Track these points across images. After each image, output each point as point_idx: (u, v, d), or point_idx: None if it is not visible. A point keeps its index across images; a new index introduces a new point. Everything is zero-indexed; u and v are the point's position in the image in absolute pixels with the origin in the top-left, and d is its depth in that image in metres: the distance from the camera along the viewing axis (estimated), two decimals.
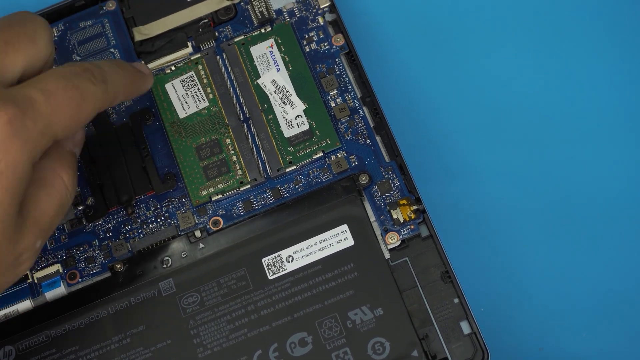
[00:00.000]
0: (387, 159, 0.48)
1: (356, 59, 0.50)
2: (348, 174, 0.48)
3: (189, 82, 0.50)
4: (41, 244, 0.40)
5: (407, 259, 0.46)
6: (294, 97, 0.49)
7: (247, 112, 0.49)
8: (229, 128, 0.49)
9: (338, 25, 0.50)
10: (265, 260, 0.47)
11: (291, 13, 0.51)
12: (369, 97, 0.49)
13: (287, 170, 0.48)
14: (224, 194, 0.48)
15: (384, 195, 0.47)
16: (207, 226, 0.48)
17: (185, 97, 0.50)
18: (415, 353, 0.45)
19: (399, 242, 0.46)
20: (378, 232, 0.47)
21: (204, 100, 0.49)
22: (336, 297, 0.46)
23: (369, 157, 0.48)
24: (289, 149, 0.48)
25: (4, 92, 0.38)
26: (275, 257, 0.47)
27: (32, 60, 0.40)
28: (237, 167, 0.48)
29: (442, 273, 0.46)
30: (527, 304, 0.51)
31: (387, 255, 0.46)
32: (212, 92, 0.50)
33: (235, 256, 0.47)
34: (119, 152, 0.49)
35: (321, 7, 0.51)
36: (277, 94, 0.49)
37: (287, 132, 0.48)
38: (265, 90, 0.49)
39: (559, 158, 0.53)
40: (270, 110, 0.49)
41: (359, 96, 0.49)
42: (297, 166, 0.48)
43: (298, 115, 0.49)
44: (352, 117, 0.49)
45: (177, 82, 0.50)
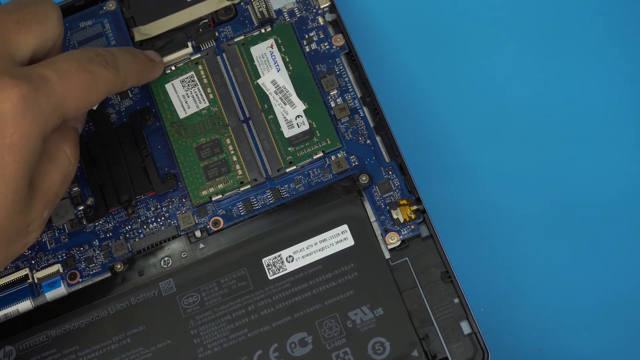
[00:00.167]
0: (387, 159, 0.48)
1: (356, 59, 0.50)
2: (348, 174, 0.48)
3: (189, 82, 0.50)
4: (48, 213, 0.42)
5: (407, 259, 0.46)
6: (294, 97, 0.49)
7: (247, 112, 0.49)
8: (229, 128, 0.49)
9: (338, 25, 0.50)
10: (266, 260, 0.47)
11: (291, 13, 0.51)
12: (369, 97, 0.49)
13: (287, 170, 0.48)
14: (224, 194, 0.48)
15: (384, 196, 0.47)
16: (207, 226, 0.48)
17: (185, 97, 0.50)
18: (415, 353, 0.45)
19: (399, 242, 0.46)
20: (378, 232, 0.47)
21: (204, 100, 0.49)
22: (336, 297, 0.46)
23: (369, 157, 0.48)
24: (289, 149, 0.48)
25: (18, 69, 0.40)
26: (276, 257, 0.47)
27: (42, 40, 0.42)
28: (237, 167, 0.48)
29: (442, 273, 0.46)
30: (527, 304, 0.51)
31: (387, 255, 0.46)
32: (212, 92, 0.50)
33: (235, 256, 0.47)
34: (119, 152, 0.49)
35: (321, 7, 0.51)
36: (277, 94, 0.49)
37: (287, 132, 0.48)
38: (266, 91, 0.49)
39: (559, 158, 0.53)
40: (271, 110, 0.49)
41: (359, 96, 0.49)
42: (297, 166, 0.48)
43: (298, 116, 0.49)
44: (352, 117, 0.49)
45: (177, 82, 0.50)
